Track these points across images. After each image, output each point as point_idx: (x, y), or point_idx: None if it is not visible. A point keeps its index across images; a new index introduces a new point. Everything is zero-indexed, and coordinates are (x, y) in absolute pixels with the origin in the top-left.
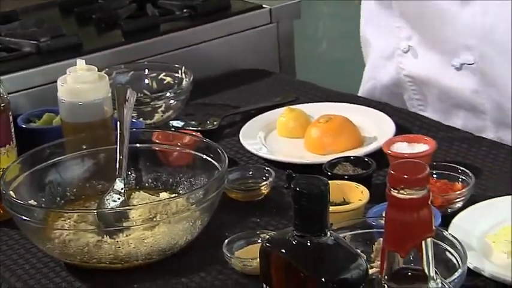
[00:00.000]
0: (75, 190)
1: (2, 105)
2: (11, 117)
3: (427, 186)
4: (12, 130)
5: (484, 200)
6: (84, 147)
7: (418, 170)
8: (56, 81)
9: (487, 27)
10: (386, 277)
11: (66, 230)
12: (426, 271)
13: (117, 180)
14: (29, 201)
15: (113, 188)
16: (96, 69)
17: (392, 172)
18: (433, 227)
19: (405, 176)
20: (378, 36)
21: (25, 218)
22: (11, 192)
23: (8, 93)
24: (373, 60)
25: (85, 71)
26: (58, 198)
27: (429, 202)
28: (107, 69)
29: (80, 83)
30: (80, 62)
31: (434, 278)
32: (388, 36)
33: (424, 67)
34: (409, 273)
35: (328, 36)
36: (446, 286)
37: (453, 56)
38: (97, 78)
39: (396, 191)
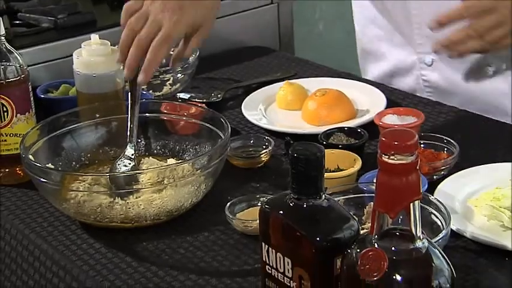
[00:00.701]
0: (89, 155)
1: (22, 76)
2: (30, 88)
3: (416, 153)
4: (32, 99)
5: (467, 168)
6: (98, 115)
7: (407, 137)
8: (72, 55)
9: None
10: (376, 236)
11: (80, 191)
12: (413, 231)
13: (128, 146)
14: (47, 165)
15: (124, 153)
16: (109, 43)
17: (383, 139)
18: (421, 191)
19: (395, 143)
20: (394, 51)
21: (43, 180)
22: (30, 156)
23: (28, 66)
24: (387, 71)
25: (99, 45)
26: (73, 163)
27: (417, 167)
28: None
29: (94, 56)
30: (95, 37)
31: (421, 237)
32: (407, 51)
33: (450, 76)
34: (398, 233)
35: (324, 19)
36: (432, 245)
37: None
38: (110, 52)
39: (387, 157)
